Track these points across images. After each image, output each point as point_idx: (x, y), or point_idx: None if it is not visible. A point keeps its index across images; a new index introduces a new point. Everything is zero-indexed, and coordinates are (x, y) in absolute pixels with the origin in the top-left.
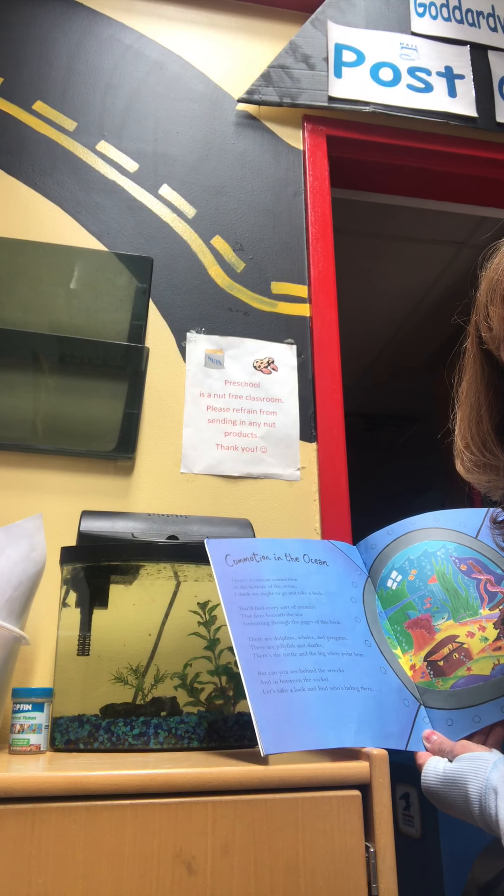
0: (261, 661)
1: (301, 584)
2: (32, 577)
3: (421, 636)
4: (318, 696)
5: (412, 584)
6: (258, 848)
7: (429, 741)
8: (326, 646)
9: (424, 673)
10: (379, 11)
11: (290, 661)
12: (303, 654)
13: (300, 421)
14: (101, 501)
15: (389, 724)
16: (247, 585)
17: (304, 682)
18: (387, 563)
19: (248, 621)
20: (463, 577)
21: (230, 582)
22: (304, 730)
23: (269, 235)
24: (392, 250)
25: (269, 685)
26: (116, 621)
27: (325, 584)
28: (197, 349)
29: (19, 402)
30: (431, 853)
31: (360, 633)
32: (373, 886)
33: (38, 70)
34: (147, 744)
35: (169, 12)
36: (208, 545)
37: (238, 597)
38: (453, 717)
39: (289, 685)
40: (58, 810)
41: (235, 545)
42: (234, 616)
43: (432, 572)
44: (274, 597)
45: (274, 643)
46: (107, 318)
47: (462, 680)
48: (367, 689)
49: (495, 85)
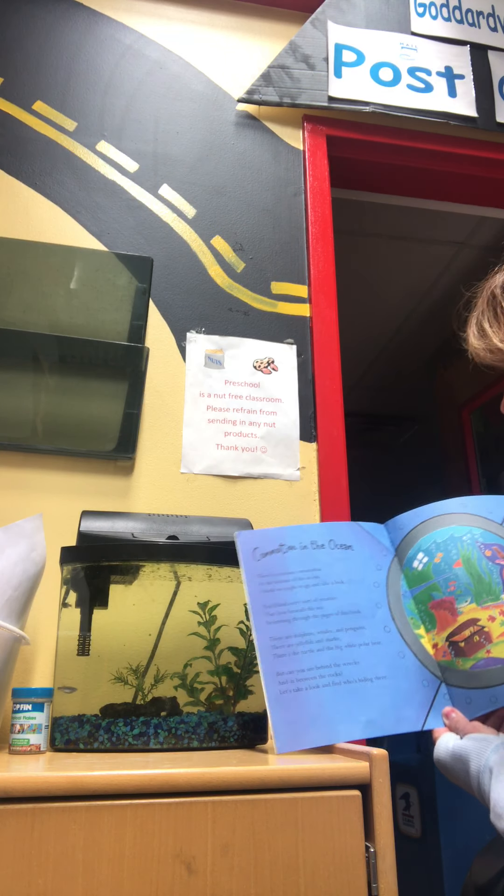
0: (280, 661)
1: (325, 573)
2: (32, 577)
3: (444, 617)
4: (332, 692)
5: (437, 567)
6: (258, 848)
7: (448, 718)
8: (344, 638)
9: (446, 652)
10: (379, 11)
11: (307, 659)
12: (320, 650)
13: (300, 421)
14: (101, 501)
15: (404, 709)
16: (272, 581)
17: (319, 679)
18: (413, 545)
19: (270, 620)
20: (487, 563)
21: (256, 578)
22: (316, 727)
23: (269, 235)
24: (392, 250)
25: (286, 685)
26: (116, 621)
27: (349, 572)
28: (197, 349)
29: (19, 402)
30: (431, 853)
31: (379, 620)
32: (373, 886)
33: (38, 70)
34: (147, 744)
35: (169, 12)
36: (238, 538)
37: (263, 594)
38: (472, 696)
39: (304, 683)
40: (58, 810)
41: (264, 536)
42: (258, 615)
43: (458, 556)
44: (297, 591)
45: (293, 641)
46: (107, 318)
47: (482, 661)
48: (383, 677)
49: (495, 85)
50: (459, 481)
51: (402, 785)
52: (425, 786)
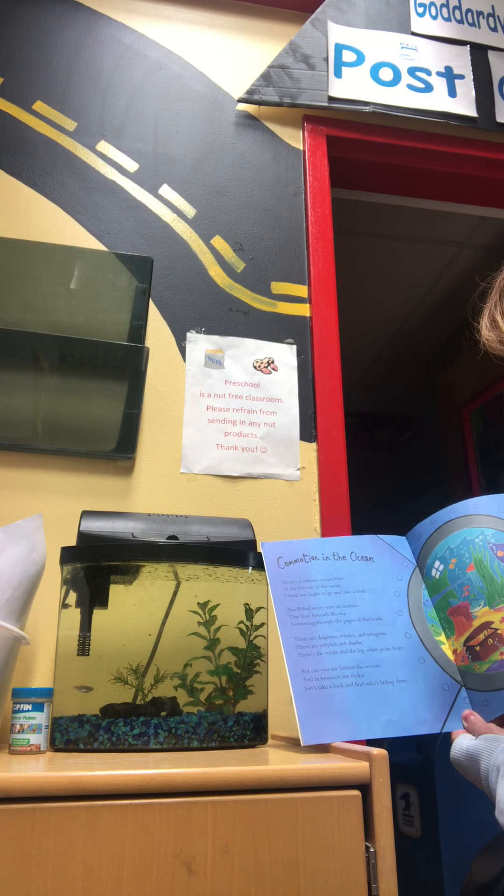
0: (304, 659)
1: (346, 582)
2: (32, 577)
3: (461, 623)
4: (355, 692)
5: (452, 573)
6: (258, 848)
7: (466, 721)
8: (366, 643)
9: (465, 657)
10: (379, 11)
11: (331, 660)
12: (343, 652)
13: (300, 421)
14: (101, 501)
15: (423, 712)
16: (296, 587)
17: (343, 679)
18: (430, 553)
19: (295, 622)
20: (499, 564)
21: (281, 584)
22: (340, 723)
23: (269, 235)
24: (392, 250)
25: (311, 682)
26: (116, 621)
27: (370, 581)
28: (197, 349)
29: (19, 402)
30: (431, 853)
31: (400, 627)
32: (373, 886)
33: (38, 70)
34: (147, 744)
35: (169, 12)
36: (263, 548)
37: (287, 598)
38: (489, 699)
39: (329, 682)
40: (58, 810)
41: (288, 547)
42: (283, 617)
43: (470, 560)
44: (320, 597)
45: (317, 642)
46: (107, 318)
47: (496, 664)
48: (403, 681)
49: (495, 85)
50: (459, 481)
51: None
52: (425, 786)
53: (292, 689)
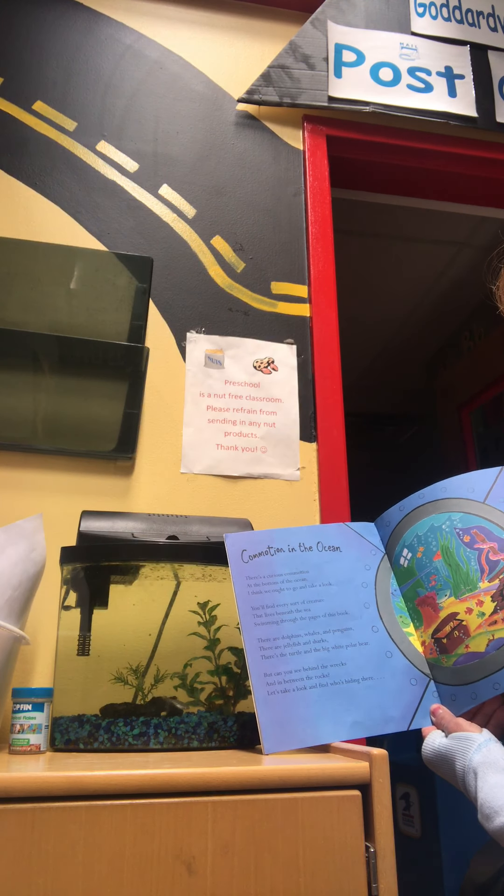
0: (267, 662)
1: (312, 576)
2: (32, 577)
3: (428, 613)
4: (319, 694)
5: (420, 562)
6: (258, 848)
7: (434, 715)
8: (331, 640)
9: (432, 649)
10: (379, 11)
11: (294, 661)
12: (307, 652)
13: (300, 421)
14: (101, 501)
15: (390, 709)
16: (260, 583)
17: (306, 681)
18: (399, 541)
19: (258, 621)
20: (465, 550)
21: (244, 580)
22: (303, 728)
23: (269, 235)
24: (392, 250)
25: (274, 686)
26: (116, 621)
27: (336, 573)
28: (197, 349)
29: (19, 402)
30: (431, 853)
31: (367, 621)
32: (373, 886)
33: (38, 70)
34: (147, 744)
35: (169, 12)
36: (227, 540)
37: (251, 595)
38: (456, 693)
39: (292, 685)
40: (58, 810)
41: (252, 539)
42: (246, 617)
43: (437, 548)
44: (285, 593)
45: (281, 643)
46: (107, 318)
47: (462, 657)
48: (369, 678)
49: (495, 85)
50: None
51: (402, 785)
52: (425, 786)
53: (254, 694)
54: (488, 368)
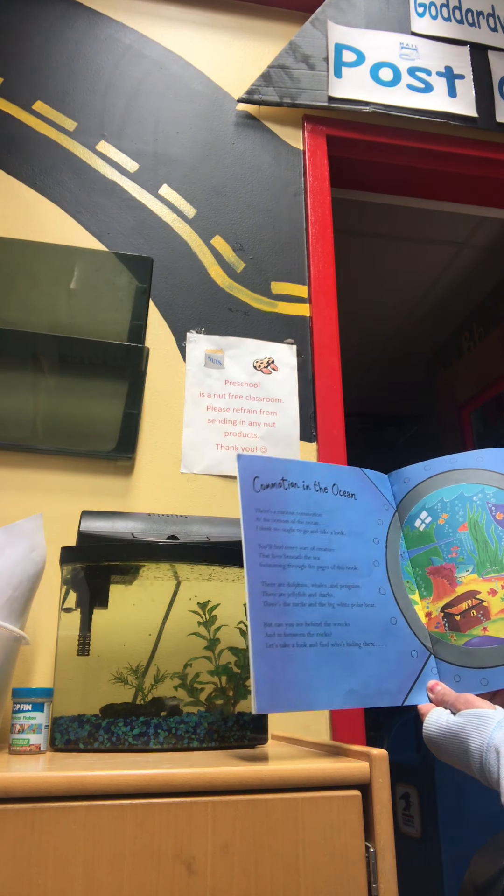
0: (269, 610)
1: (325, 521)
2: (32, 577)
3: (441, 585)
4: (318, 653)
5: (441, 529)
6: (258, 848)
7: (432, 692)
8: (338, 595)
9: (440, 623)
10: (379, 11)
11: (297, 613)
12: (311, 605)
13: (300, 421)
14: (101, 501)
15: (388, 681)
16: (270, 518)
17: (307, 638)
18: (418, 501)
19: (264, 562)
20: (497, 528)
21: (254, 512)
22: (297, 690)
23: (269, 235)
24: (392, 250)
25: (273, 638)
26: (116, 621)
27: (350, 523)
28: (197, 349)
29: (19, 402)
30: (431, 853)
31: (375, 580)
32: (373, 886)
33: (38, 70)
34: (147, 744)
35: (169, 12)
36: (239, 462)
37: (259, 531)
38: (461, 675)
39: (292, 639)
40: (58, 810)
41: (266, 465)
42: (251, 555)
43: (464, 519)
44: (295, 535)
45: (285, 590)
46: (107, 318)
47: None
48: (371, 644)
49: (495, 85)
50: None
51: (402, 785)
52: (425, 786)
53: (251, 643)
54: (488, 368)
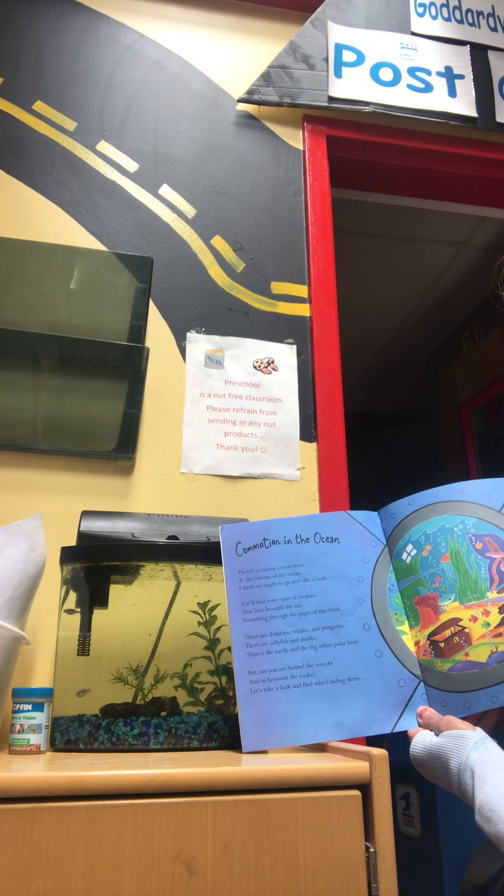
0: (252, 659)
1: (307, 569)
2: (32, 577)
3: (427, 614)
4: (302, 693)
5: (425, 560)
6: (258, 848)
7: (421, 717)
8: (320, 637)
9: (427, 651)
10: (379, 11)
11: (279, 659)
12: (294, 650)
13: (300, 421)
14: (101, 501)
15: (375, 711)
16: (252, 577)
17: (290, 680)
18: (404, 535)
19: (247, 617)
20: (476, 557)
21: (236, 574)
22: (283, 728)
23: (269, 235)
24: (392, 250)
25: (257, 684)
26: (116, 621)
27: (332, 567)
28: (197, 349)
29: (19, 402)
30: (431, 853)
31: (359, 618)
32: (373, 886)
33: (38, 70)
34: (147, 744)
35: (169, 12)
36: (222, 532)
37: (242, 591)
38: (447, 699)
39: (275, 683)
40: (58, 810)
41: (247, 530)
42: (235, 612)
43: (446, 550)
44: (276, 588)
45: (268, 640)
46: (107, 318)
47: (459, 664)
48: (355, 678)
49: (495, 85)
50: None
51: (402, 785)
52: (425, 786)
53: (237, 691)
54: (488, 368)
